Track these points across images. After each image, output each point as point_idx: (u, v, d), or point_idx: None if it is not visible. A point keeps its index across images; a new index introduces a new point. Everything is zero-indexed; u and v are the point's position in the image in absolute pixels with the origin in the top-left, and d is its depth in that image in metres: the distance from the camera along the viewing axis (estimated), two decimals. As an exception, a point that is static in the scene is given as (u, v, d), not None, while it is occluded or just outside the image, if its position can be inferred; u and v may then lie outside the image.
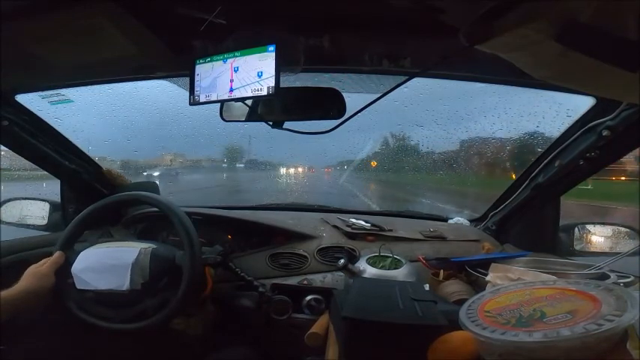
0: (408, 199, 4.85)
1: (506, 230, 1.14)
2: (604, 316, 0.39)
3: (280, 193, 4.27)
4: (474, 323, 0.45)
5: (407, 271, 0.82)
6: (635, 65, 0.34)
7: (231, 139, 5.09)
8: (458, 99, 1.58)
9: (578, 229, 1.10)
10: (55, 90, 0.93)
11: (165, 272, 0.81)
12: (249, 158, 5.46)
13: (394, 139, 3.06)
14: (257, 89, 0.62)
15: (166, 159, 4.62)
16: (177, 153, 5.24)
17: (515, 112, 1.42)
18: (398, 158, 3.07)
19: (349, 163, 4.20)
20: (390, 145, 3.20)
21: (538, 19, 0.35)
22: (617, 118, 0.76)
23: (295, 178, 5.56)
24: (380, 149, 3.49)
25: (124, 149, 2.50)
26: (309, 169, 5.59)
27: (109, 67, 0.82)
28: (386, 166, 3.58)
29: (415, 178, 4.09)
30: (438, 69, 0.76)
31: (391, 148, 3.17)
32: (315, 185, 5.11)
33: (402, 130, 2.88)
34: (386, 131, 3.07)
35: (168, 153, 4.65)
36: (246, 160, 5.66)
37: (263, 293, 0.90)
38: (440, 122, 1.92)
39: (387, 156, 3.35)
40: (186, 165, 6.01)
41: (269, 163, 5.33)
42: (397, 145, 3.03)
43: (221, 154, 5.74)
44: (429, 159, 2.76)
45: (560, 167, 0.92)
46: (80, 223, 0.87)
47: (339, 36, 0.66)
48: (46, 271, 0.76)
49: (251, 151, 5.08)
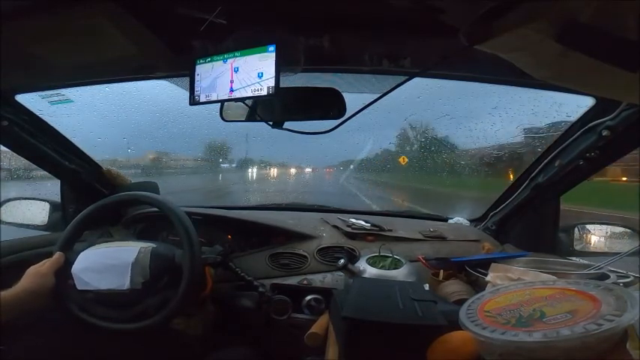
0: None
1: (506, 230, 1.14)
2: (604, 316, 0.39)
3: (274, 193, 4.19)
4: (473, 323, 0.45)
5: (407, 271, 0.82)
6: (635, 65, 0.34)
7: (220, 138, 4.85)
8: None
9: (578, 229, 1.10)
10: (55, 90, 0.93)
11: (166, 271, 0.81)
12: (241, 157, 5.24)
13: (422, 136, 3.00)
14: (257, 89, 0.62)
15: (149, 158, 4.32)
16: (161, 151, 4.90)
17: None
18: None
19: (352, 162, 4.15)
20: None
21: (538, 19, 0.35)
22: (617, 118, 0.76)
23: (294, 178, 5.53)
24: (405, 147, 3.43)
25: (116, 148, 2.46)
26: (312, 169, 5.55)
27: (109, 67, 0.82)
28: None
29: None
30: (438, 69, 0.76)
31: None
32: (316, 185, 5.10)
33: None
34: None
35: (151, 151, 4.35)
36: (236, 160, 5.43)
37: (263, 293, 0.90)
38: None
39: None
40: (171, 164, 5.51)
41: (267, 162, 5.23)
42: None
43: (212, 154, 5.35)
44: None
45: (560, 167, 0.92)
46: (80, 223, 0.87)
47: (339, 36, 0.66)
48: (46, 272, 0.76)
49: (246, 150, 4.91)
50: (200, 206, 1.21)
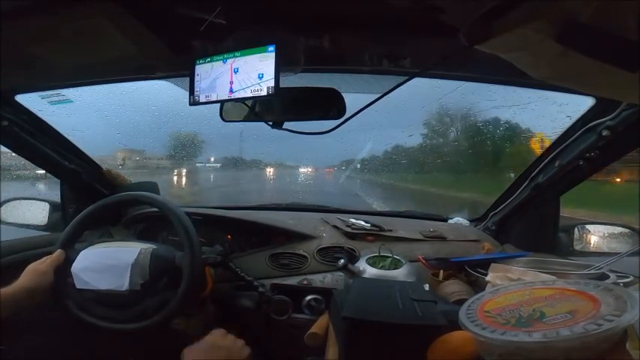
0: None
1: (506, 230, 1.14)
2: (603, 316, 0.39)
3: (274, 193, 4.07)
4: (473, 323, 0.45)
5: (407, 271, 0.82)
6: (635, 65, 0.34)
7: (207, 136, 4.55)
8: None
9: (578, 230, 1.10)
10: (55, 90, 0.93)
11: (165, 272, 0.81)
12: (232, 156, 4.91)
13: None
14: (257, 90, 0.62)
15: (119, 156, 3.90)
16: (134, 150, 4.29)
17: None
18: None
19: (353, 162, 4.04)
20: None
21: (538, 19, 0.35)
22: (617, 118, 0.76)
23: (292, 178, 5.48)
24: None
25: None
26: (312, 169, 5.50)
27: (109, 67, 0.82)
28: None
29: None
30: (438, 69, 0.76)
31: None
32: (316, 185, 5.06)
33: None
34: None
35: (122, 149, 3.87)
36: (224, 158, 5.07)
37: (263, 293, 0.90)
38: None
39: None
40: (144, 164, 4.76)
41: (262, 162, 5.08)
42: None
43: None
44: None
45: (560, 167, 0.92)
46: (80, 223, 0.87)
47: (339, 36, 0.66)
48: (46, 269, 0.76)
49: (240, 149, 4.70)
50: (200, 206, 1.21)
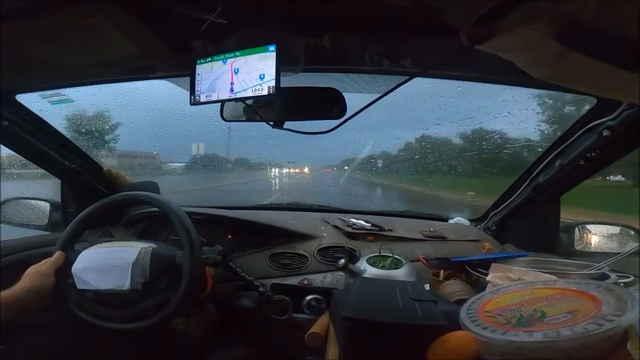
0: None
1: (507, 230, 1.14)
2: (604, 316, 0.39)
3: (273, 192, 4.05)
4: (474, 323, 0.45)
5: (407, 271, 0.82)
6: (635, 65, 0.34)
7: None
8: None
9: (579, 229, 1.10)
10: (55, 90, 0.94)
11: (166, 272, 0.81)
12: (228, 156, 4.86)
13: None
14: (258, 89, 0.62)
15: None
16: (115, 149, 4.11)
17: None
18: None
19: (352, 161, 4.00)
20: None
21: (538, 19, 0.35)
22: (617, 118, 0.76)
23: (291, 178, 5.46)
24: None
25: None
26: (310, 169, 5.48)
27: (109, 67, 0.82)
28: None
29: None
30: (438, 69, 0.77)
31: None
32: (316, 185, 5.05)
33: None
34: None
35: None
36: (227, 159, 4.97)
37: (263, 293, 0.90)
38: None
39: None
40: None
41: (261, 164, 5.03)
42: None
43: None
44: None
45: (560, 167, 0.92)
46: (80, 223, 0.87)
47: (339, 36, 0.66)
48: (46, 271, 0.76)
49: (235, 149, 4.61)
50: (200, 206, 1.21)
